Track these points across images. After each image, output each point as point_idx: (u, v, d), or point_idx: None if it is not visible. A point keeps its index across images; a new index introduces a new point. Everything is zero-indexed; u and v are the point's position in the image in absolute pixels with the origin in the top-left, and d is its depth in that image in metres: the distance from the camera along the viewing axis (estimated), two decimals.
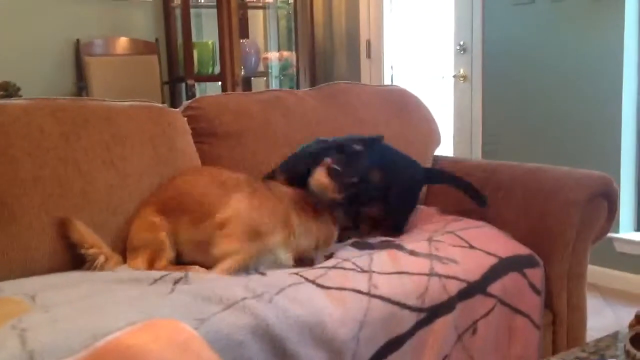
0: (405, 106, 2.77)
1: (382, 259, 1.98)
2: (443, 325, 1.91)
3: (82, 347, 1.35)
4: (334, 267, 1.92)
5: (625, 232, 3.62)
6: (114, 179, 2.07)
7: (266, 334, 1.62)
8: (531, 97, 3.91)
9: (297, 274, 1.85)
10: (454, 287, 1.96)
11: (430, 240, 2.13)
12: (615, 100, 3.55)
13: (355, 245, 2.14)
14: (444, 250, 2.07)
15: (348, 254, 2.03)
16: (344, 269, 1.91)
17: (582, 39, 3.65)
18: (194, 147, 2.31)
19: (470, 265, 2.04)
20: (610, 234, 2.82)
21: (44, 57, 4.64)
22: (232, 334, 1.57)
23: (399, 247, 2.07)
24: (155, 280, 1.78)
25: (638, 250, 3.56)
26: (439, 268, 1.98)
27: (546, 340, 2.19)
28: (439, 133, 2.85)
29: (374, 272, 1.90)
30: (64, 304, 1.61)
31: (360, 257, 1.98)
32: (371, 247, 2.10)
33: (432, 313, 1.90)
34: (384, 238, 2.21)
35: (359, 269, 1.91)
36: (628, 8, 3.48)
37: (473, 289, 2.00)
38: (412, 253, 2.03)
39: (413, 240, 2.15)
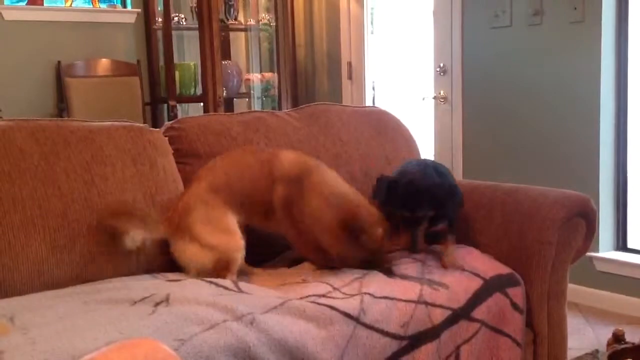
0: (384, 126, 2.79)
1: (377, 279, 1.98)
2: (426, 353, 1.91)
3: None
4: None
5: (605, 251, 3.64)
6: (95, 198, 2.06)
7: (247, 357, 1.61)
8: (510, 118, 3.95)
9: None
10: (439, 316, 1.96)
11: (423, 262, 2.15)
12: (593, 120, 3.59)
13: None
14: (435, 274, 2.08)
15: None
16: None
17: (560, 61, 3.70)
18: (176, 167, 2.31)
19: (457, 289, 2.05)
20: (590, 253, 2.84)
21: (25, 79, 4.62)
22: (212, 356, 1.56)
23: (391, 270, 2.07)
24: (136, 302, 1.77)
25: (618, 269, 3.58)
26: (428, 294, 1.98)
27: (527, 359, 2.20)
28: (418, 152, 2.86)
29: (365, 293, 1.91)
30: (43, 325, 1.59)
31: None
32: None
33: (414, 341, 1.90)
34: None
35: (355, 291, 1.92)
36: (605, 31, 3.53)
37: (458, 316, 2.00)
38: (404, 277, 2.03)
39: (406, 262, 2.15)
